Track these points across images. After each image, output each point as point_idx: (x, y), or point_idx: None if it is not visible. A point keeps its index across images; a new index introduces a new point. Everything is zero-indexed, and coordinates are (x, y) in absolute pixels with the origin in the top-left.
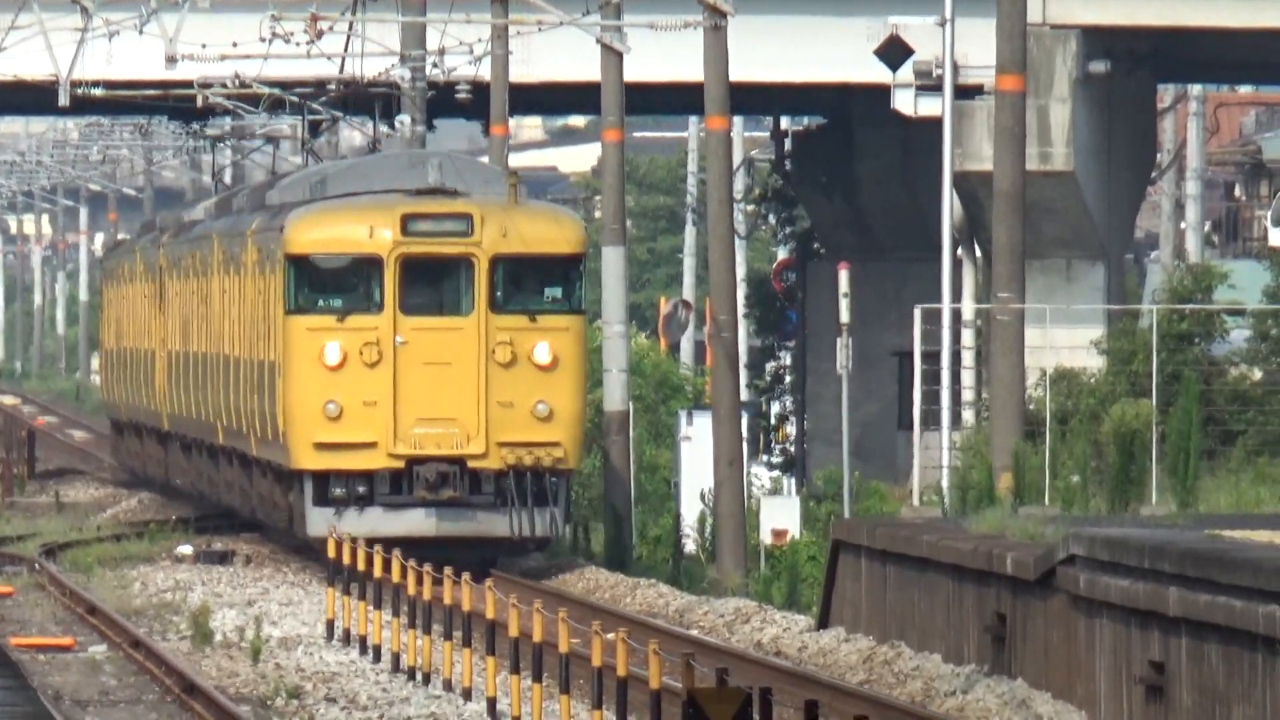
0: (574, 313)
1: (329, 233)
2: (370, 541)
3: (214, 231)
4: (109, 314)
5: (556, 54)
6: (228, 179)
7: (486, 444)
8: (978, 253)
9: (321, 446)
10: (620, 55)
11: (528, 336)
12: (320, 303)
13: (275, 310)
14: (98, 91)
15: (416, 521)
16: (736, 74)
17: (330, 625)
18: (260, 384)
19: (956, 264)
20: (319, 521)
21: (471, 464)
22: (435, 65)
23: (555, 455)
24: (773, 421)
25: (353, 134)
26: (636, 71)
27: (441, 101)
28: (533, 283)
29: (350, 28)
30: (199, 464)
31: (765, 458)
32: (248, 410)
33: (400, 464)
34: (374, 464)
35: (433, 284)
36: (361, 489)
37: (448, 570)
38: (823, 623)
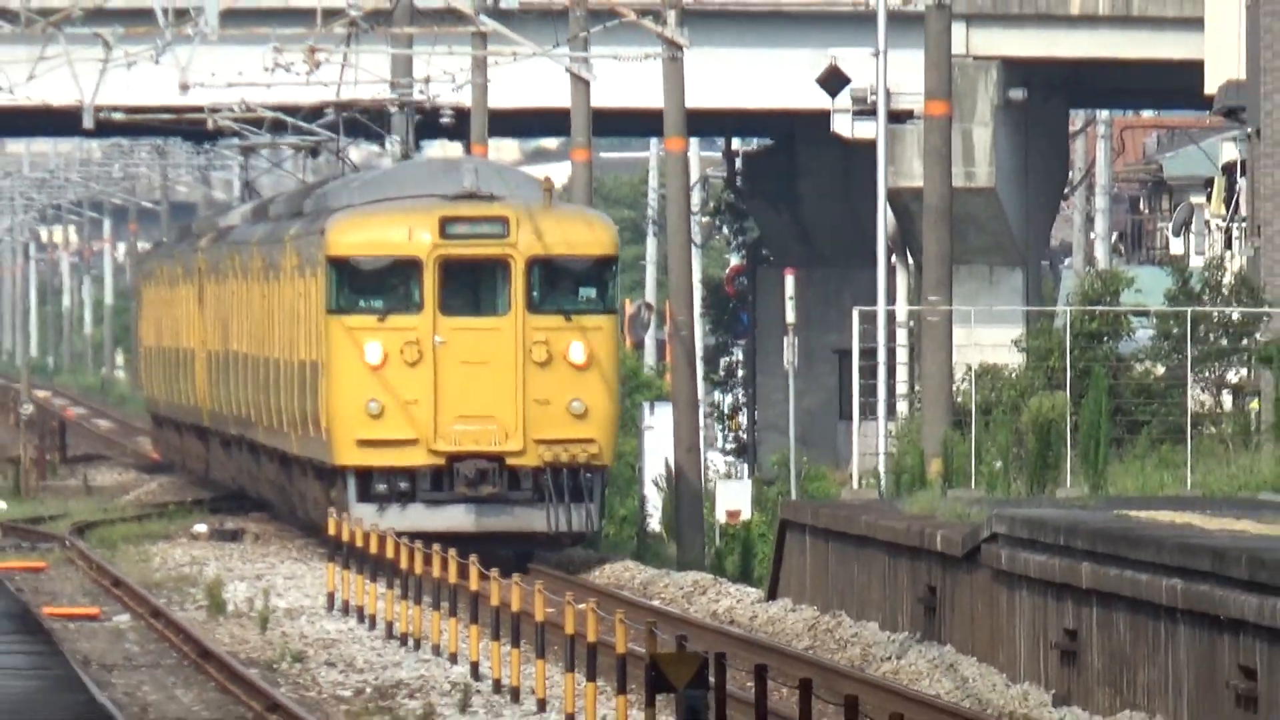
0: (607, 312)
1: (369, 235)
2: (412, 536)
3: (252, 237)
4: (147, 314)
5: (530, 82)
6: (236, 191)
7: (524, 441)
8: (910, 260)
9: (364, 444)
10: (587, 83)
11: (563, 336)
12: (361, 303)
13: (317, 311)
14: (118, 116)
15: (457, 517)
16: (692, 100)
17: (331, 597)
18: (302, 383)
19: (891, 270)
20: (361, 516)
21: (510, 461)
22: (421, 92)
23: (590, 452)
24: (726, 412)
25: (348, 153)
26: (602, 98)
27: (427, 124)
28: (567, 283)
29: (345, 58)
30: (239, 459)
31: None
32: (289, 408)
33: (441, 461)
34: (415, 461)
35: (470, 285)
36: (403, 485)
37: (436, 547)
38: (771, 594)
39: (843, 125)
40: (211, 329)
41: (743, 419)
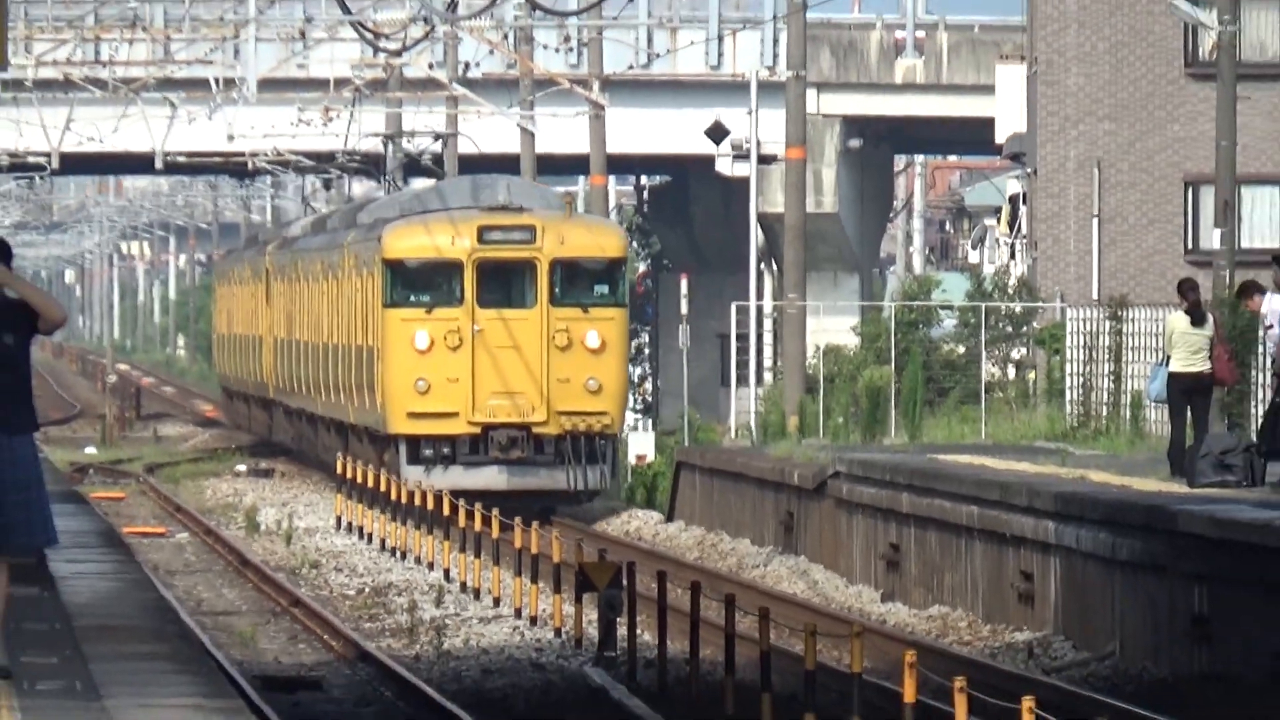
0: (618, 305)
1: (419, 241)
2: (454, 494)
3: (313, 245)
4: (221, 306)
5: (490, 134)
6: (269, 215)
7: (548, 413)
8: (774, 267)
9: (413, 415)
10: (532, 135)
11: (581, 325)
12: (412, 298)
13: (374, 305)
14: (180, 159)
15: (491, 477)
16: (611, 147)
17: (339, 520)
18: (359, 364)
19: (760, 275)
20: (410, 476)
21: (536, 430)
22: (408, 141)
23: (604, 422)
24: (635, 381)
25: (353, 187)
26: (544, 146)
27: (412, 166)
28: (584, 281)
29: (350, 116)
30: (299, 425)
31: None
32: (346, 386)
33: (477, 430)
34: (456, 430)
35: (503, 282)
36: (446, 450)
37: (416, 484)
38: (669, 518)
39: (724, 166)
40: (277, 320)
41: (648, 386)
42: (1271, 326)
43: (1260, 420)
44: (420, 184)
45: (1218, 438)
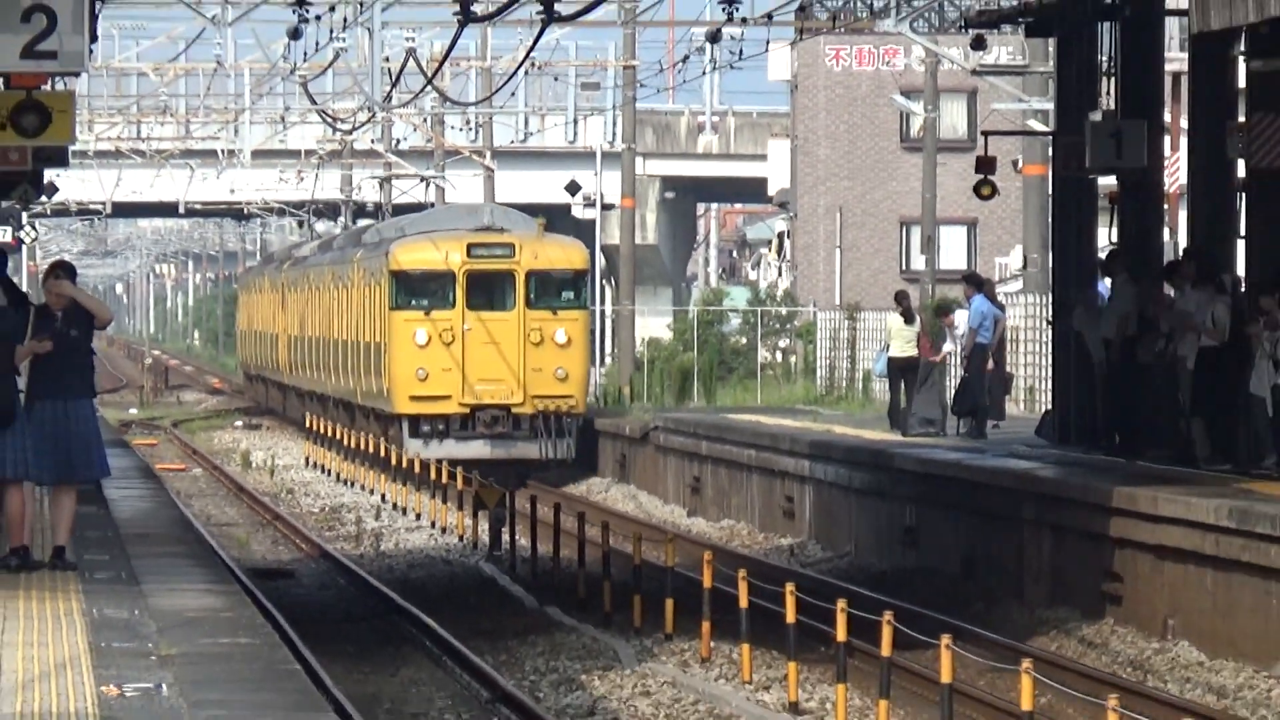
0: (581, 309)
1: (419, 256)
2: (451, 463)
3: (323, 260)
4: (243, 311)
5: (414, 190)
6: (259, 245)
7: (524, 396)
8: (613, 282)
9: (414, 398)
10: (444, 190)
11: (551, 325)
12: (413, 303)
13: (382, 308)
14: (197, 206)
15: (477, 448)
16: (499, 199)
17: (307, 459)
18: (367, 357)
19: (602, 288)
20: (412, 448)
21: (514, 410)
22: (356, 194)
23: (570, 404)
24: None
25: (322, 222)
26: (451, 198)
27: (359, 213)
28: (554, 288)
29: (316, 175)
30: (309, 404)
31: None
32: (355, 372)
33: (467, 410)
34: (449, 410)
35: (487, 290)
36: (441, 426)
37: (369, 437)
38: None
39: (578, 212)
40: (291, 321)
41: None
42: (957, 328)
43: (954, 389)
44: (363, 221)
45: (923, 402)
